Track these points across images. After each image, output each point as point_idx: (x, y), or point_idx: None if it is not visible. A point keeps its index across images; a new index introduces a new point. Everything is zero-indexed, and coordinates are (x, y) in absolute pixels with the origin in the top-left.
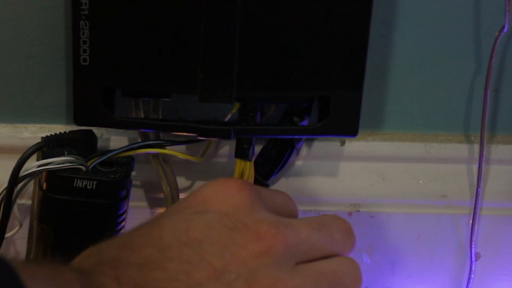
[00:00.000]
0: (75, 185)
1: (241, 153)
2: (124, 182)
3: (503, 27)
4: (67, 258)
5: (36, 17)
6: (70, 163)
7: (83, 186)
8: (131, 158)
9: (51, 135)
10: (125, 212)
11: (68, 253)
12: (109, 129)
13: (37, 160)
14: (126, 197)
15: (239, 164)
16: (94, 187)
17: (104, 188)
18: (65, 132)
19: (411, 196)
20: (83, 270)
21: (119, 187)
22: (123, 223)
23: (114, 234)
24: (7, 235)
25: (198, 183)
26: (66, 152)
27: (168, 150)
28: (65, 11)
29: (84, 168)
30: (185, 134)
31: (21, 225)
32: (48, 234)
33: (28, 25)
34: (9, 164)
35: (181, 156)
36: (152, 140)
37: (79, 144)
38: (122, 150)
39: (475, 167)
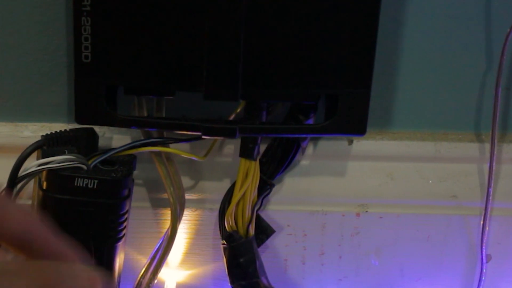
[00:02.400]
0: (76, 184)
1: (246, 152)
2: (126, 181)
3: None
4: None
5: (36, 13)
6: (70, 161)
7: (84, 185)
8: (134, 156)
9: (51, 133)
10: (127, 211)
11: None
12: (112, 128)
13: (37, 159)
14: (128, 196)
15: (244, 163)
16: (95, 186)
17: (106, 187)
18: (65, 130)
19: (420, 197)
20: None
21: (121, 186)
22: (125, 223)
23: (116, 234)
24: None
25: (202, 183)
26: (66, 151)
27: (171, 149)
28: (66, 7)
29: (85, 167)
30: (189, 133)
31: None
32: None
33: (28, 21)
34: (9, 164)
35: (185, 155)
36: (155, 138)
37: (80, 142)
38: (123, 148)
39: (486, 166)
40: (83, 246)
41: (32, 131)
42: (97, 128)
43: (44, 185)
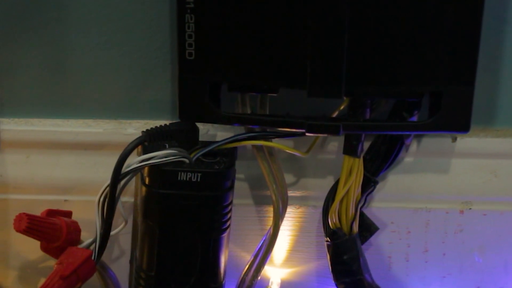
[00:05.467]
0: (179, 178)
1: (350, 149)
2: (229, 172)
3: None
4: (175, 253)
5: (140, 11)
6: (173, 156)
7: (187, 179)
8: (234, 147)
9: (151, 128)
10: (230, 203)
11: (175, 248)
12: (215, 125)
13: (139, 154)
14: (231, 187)
15: (348, 160)
16: (199, 179)
17: (209, 179)
18: (165, 124)
19: None
20: None
21: (224, 177)
22: (229, 215)
23: (220, 226)
24: (112, 232)
25: (306, 180)
26: (167, 145)
27: (274, 143)
28: (170, 4)
29: (187, 161)
30: (292, 130)
31: (126, 222)
32: (154, 230)
33: (132, 19)
34: (113, 161)
35: (287, 150)
36: (257, 132)
37: (181, 136)
38: (226, 141)
39: None
40: (189, 239)
41: (136, 128)
42: (200, 125)
43: (147, 181)
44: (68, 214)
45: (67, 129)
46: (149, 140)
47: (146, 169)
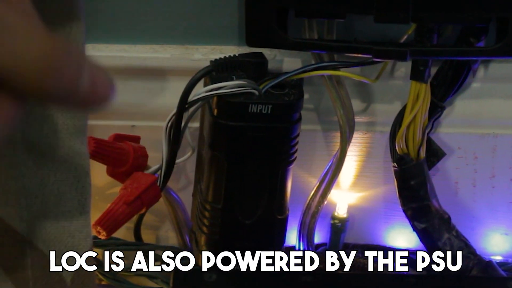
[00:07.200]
0: (249, 110)
1: (417, 75)
2: (298, 104)
3: None
4: (243, 185)
5: None
6: (243, 87)
7: (258, 111)
8: (301, 78)
9: (220, 58)
10: (298, 134)
11: (243, 181)
12: (282, 51)
13: (205, 85)
14: (300, 119)
15: (415, 86)
16: (269, 112)
17: (280, 112)
18: (234, 55)
19: None
20: None
21: (294, 109)
22: (296, 147)
23: (288, 157)
24: (179, 160)
25: (373, 106)
26: (234, 77)
27: (342, 72)
28: None
29: (256, 92)
30: (360, 55)
31: (193, 151)
32: (221, 162)
33: None
34: (181, 86)
35: (356, 77)
36: (326, 62)
37: (249, 67)
38: (295, 72)
39: None
40: (257, 171)
41: (203, 54)
42: (267, 51)
43: (215, 112)
44: (136, 139)
45: (134, 54)
46: (217, 70)
47: (214, 100)
